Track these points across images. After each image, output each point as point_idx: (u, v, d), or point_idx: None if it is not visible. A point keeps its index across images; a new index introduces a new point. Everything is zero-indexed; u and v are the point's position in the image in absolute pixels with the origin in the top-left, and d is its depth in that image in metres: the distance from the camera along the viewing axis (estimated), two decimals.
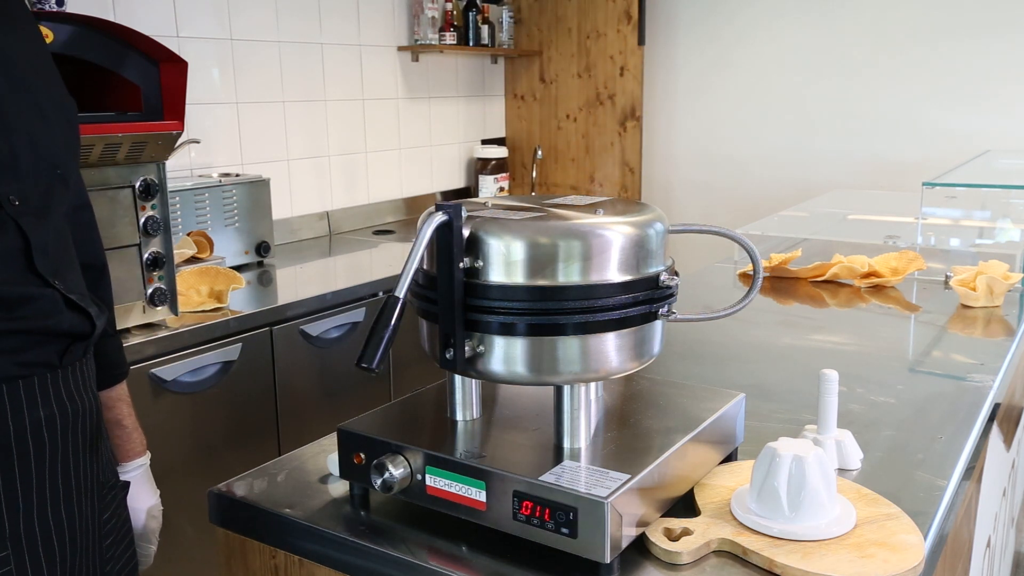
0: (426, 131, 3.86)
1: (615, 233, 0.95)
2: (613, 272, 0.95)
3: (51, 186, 1.03)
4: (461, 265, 0.94)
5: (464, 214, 0.94)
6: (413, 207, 3.79)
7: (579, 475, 0.91)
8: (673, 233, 1.05)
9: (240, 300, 2.34)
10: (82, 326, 1.05)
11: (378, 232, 3.46)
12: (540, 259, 0.93)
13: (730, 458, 1.15)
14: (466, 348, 0.95)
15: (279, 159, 3.17)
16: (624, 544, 0.90)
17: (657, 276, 0.98)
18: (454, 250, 0.93)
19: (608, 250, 0.94)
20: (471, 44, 3.84)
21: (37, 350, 0.99)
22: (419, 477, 0.98)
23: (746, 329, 1.83)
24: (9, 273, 0.96)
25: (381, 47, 3.55)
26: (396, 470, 0.97)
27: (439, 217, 0.92)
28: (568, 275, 0.93)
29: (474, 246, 0.94)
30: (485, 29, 3.90)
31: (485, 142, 4.19)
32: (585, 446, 0.98)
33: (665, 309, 1.00)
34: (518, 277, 0.93)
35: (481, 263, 0.94)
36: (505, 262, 0.93)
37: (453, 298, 0.94)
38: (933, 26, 3.49)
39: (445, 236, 0.93)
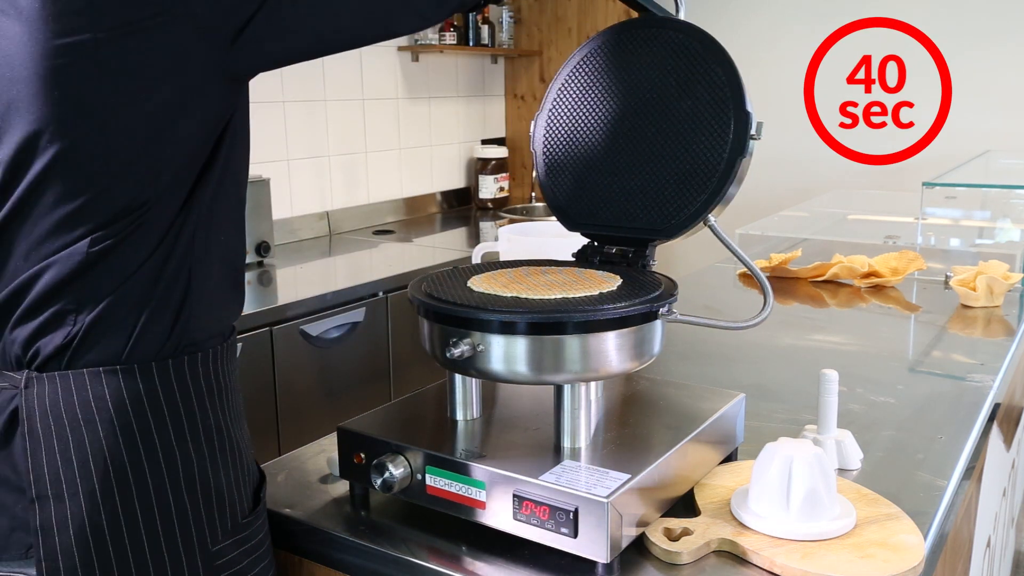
0: (426, 131, 3.85)
1: None
2: None
3: None
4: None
5: None
6: (413, 207, 3.79)
7: (579, 475, 0.91)
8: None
9: None
10: None
11: (378, 232, 3.46)
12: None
13: (730, 458, 1.15)
14: (466, 347, 0.95)
15: (279, 159, 3.17)
16: (624, 544, 0.90)
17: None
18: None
19: None
20: (471, 44, 3.83)
21: None
22: (419, 477, 0.98)
23: (746, 329, 1.83)
24: None
25: (381, 47, 3.55)
26: (396, 470, 0.97)
27: None
28: None
29: None
30: (485, 29, 3.89)
31: (485, 142, 4.19)
32: (585, 446, 0.98)
33: (665, 309, 1.00)
34: None
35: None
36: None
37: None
38: (933, 27, 3.49)
39: None
